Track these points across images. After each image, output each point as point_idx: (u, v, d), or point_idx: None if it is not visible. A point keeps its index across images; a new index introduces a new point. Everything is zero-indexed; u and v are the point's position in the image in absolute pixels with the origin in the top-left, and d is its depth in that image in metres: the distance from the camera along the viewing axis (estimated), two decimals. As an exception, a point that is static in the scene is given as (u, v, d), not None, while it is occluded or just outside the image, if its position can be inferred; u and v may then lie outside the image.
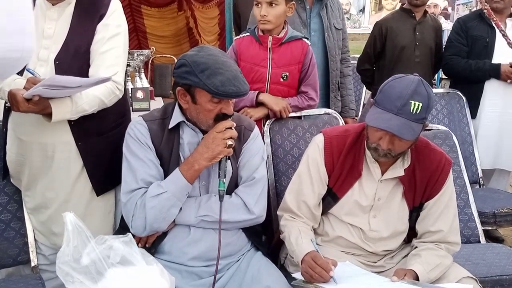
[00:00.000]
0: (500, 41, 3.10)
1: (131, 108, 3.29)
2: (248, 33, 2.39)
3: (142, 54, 4.40)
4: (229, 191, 1.79)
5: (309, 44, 2.37)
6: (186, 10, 6.93)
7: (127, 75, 4.00)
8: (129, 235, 1.45)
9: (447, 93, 3.23)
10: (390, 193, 1.79)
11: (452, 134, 2.44)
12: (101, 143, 1.95)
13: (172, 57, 5.41)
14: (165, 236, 1.74)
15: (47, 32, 1.84)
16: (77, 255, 1.33)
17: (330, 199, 1.82)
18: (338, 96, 2.96)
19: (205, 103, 1.64)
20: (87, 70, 1.85)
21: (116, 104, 1.92)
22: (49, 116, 1.71)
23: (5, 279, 2.01)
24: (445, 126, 2.63)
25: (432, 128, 2.44)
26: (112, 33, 1.87)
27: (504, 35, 3.01)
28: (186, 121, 1.74)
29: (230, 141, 1.66)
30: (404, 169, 1.76)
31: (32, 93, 1.58)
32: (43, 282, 1.86)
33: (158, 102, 4.16)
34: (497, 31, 3.09)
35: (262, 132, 2.27)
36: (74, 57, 1.83)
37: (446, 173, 1.78)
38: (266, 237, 2.07)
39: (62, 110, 1.72)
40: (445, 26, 5.31)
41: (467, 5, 5.94)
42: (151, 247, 1.72)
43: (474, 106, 3.15)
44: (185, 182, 1.66)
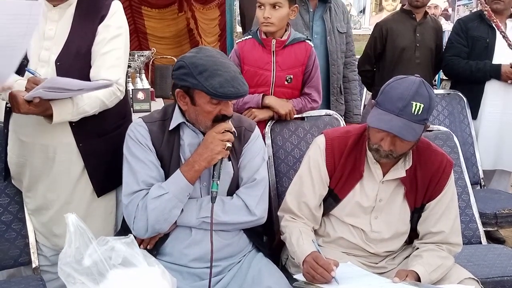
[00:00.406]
0: (500, 42, 3.09)
1: (131, 109, 3.29)
2: (250, 36, 2.37)
3: (142, 55, 4.41)
4: (230, 192, 1.79)
5: (312, 45, 2.37)
6: (187, 11, 6.94)
7: (127, 76, 4.01)
8: (131, 236, 1.45)
9: (448, 94, 3.23)
10: (392, 194, 1.79)
11: (453, 135, 2.45)
12: (102, 144, 1.95)
13: (172, 58, 5.42)
14: (166, 238, 1.74)
15: (48, 33, 1.84)
16: (79, 256, 1.33)
17: (331, 200, 1.82)
18: (341, 100, 2.95)
19: (204, 105, 1.64)
20: (88, 71, 1.85)
21: (117, 105, 1.92)
22: (50, 117, 1.71)
23: (6, 280, 2.00)
24: (446, 127, 2.63)
25: (433, 129, 2.44)
26: (113, 34, 1.87)
27: (505, 37, 3.01)
28: (187, 122, 1.73)
29: (228, 143, 1.66)
30: (406, 170, 1.76)
31: (33, 95, 1.58)
32: (44, 283, 1.86)
33: (158, 103, 4.17)
34: (497, 32, 3.09)
35: (263, 133, 2.28)
36: (75, 58, 1.83)
37: (447, 174, 1.78)
38: (267, 238, 2.07)
39: (63, 112, 1.72)
40: (446, 27, 5.31)
41: (467, 6, 5.94)
42: (152, 249, 1.72)
43: (474, 107, 3.15)
44: (186, 183, 1.66)
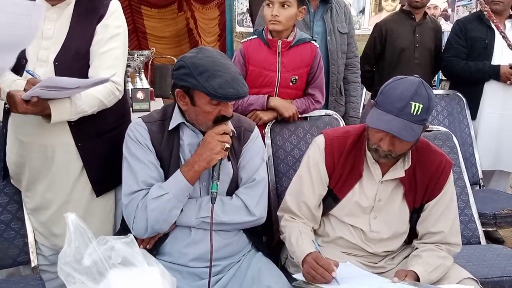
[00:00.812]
0: (499, 43, 3.09)
1: (131, 108, 3.29)
2: (255, 36, 2.35)
3: (142, 55, 4.41)
4: (230, 193, 1.79)
5: (318, 46, 2.36)
6: (186, 11, 6.95)
7: (127, 76, 4.01)
8: (131, 236, 1.45)
9: (447, 94, 3.23)
10: (391, 194, 1.79)
11: (453, 135, 2.45)
12: (100, 143, 1.95)
13: (172, 57, 5.43)
14: (166, 238, 1.74)
15: (46, 33, 1.83)
16: (78, 256, 1.33)
17: (330, 200, 1.83)
18: (341, 101, 2.94)
19: (204, 105, 1.64)
20: (87, 71, 1.84)
21: (116, 104, 1.91)
22: (48, 117, 1.70)
23: (5, 279, 2.00)
24: (445, 128, 2.63)
25: (432, 129, 2.44)
26: (111, 34, 1.86)
27: (505, 37, 3.01)
28: (186, 123, 1.73)
29: (227, 144, 1.66)
30: (405, 170, 1.76)
31: (30, 94, 1.58)
32: (43, 283, 1.86)
33: (158, 103, 4.17)
34: (497, 32, 3.08)
35: (263, 133, 2.27)
36: (74, 58, 1.82)
37: (446, 174, 1.78)
38: (266, 238, 2.07)
39: (61, 111, 1.71)
40: (445, 27, 5.30)
41: (467, 7, 5.94)
42: (152, 248, 1.72)
43: (473, 107, 3.15)
44: (186, 183, 1.66)
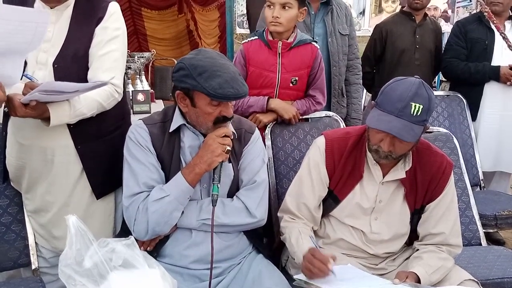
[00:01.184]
0: (499, 44, 3.10)
1: (131, 110, 3.29)
2: (256, 37, 2.34)
3: (142, 57, 4.42)
4: (230, 194, 1.79)
5: (318, 47, 2.36)
6: (187, 13, 6.96)
7: (127, 78, 4.01)
8: (132, 238, 1.45)
9: (447, 95, 3.23)
10: (392, 195, 1.79)
11: (453, 136, 2.45)
12: (100, 146, 1.94)
13: (172, 59, 5.44)
14: (167, 240, 1.73)
15: (45, 35, 1.83)
16: (79, 258, 1.33)
17: (331, 201, 1.82)
18: (342, 103, 2.94)
19: (204, 106, 1.64)
20: (86, 74, 1.83)
21: (115, 107, 1.91)
22: (47, 120, 1.70)
23: (6, 281, 2.00)
24: (445, 129, 2.63)
25: (433, 130, 2.44)
26: (110, 36, 1.85)
27: (505, 38, 3.01)
28: (187, 124, 1.73)
29: (228, 147, 1.66)
30: (406, 171, 1.76)
31: (29, 98, 1.57)
32: (43, 285, 1.85)
33: (158, 105, 4.17)
34: (496, 33, 3.09)
35: (263, 135, 2.27)
36: (73, 60, 1.82)
37: (447, 176, 1.78)
38: (267, 240, 2.07)
39: (60, 114, 1.71)
40: (445, 28, 5.31)
41: (467, 8, 5.94)
42: (153, 251, 1.72)
43: (474, 108, 3.15)
44: (187, 186, 1.66)
